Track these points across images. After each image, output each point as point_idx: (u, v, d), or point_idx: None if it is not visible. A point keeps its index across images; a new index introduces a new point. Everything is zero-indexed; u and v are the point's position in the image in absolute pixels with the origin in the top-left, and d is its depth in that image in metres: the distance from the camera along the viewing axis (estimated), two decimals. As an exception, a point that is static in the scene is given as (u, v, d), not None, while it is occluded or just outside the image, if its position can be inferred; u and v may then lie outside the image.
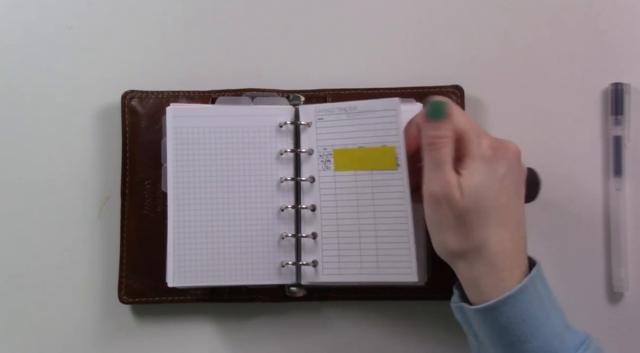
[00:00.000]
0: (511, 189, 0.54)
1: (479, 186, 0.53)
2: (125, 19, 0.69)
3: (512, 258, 0.53)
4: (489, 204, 0.53)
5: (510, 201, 0.54)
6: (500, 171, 0.53)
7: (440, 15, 0.69)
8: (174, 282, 0.63)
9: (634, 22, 0.69)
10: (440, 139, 0.54)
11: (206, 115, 0.64)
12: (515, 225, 0.54)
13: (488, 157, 0.53)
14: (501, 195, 0.53)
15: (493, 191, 0.53)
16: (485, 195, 0.53)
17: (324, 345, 0.66)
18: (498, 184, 0.53)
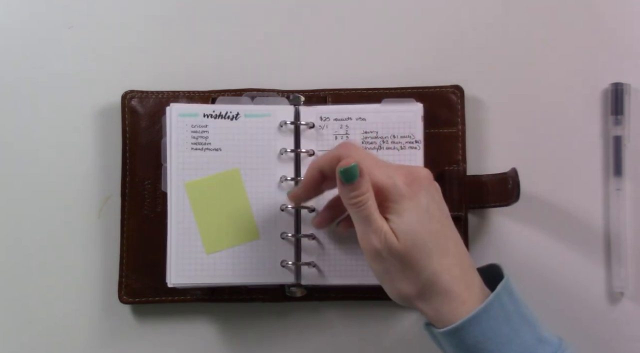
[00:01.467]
0: (438, 214, 0.54)
1: (410, 225, 0.53)
2: (125, 19, 0.69)
3: (466, 279, 0.53)
4: (425, 238, 0.53)
5: (443, 226, 0.54)
6: (422, 203, 0.53)
7: (441, 15, 0.69)
8: (173, 282, 0.63)
9: (633, 22, 0.69)
10: (362, 196, 0.54)
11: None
12: (454, 248, 0.54)
13: (408, 195, 0.53)
14: (432, 225, 0.53)
15: (424, 225, 0.53)
16: (418, 231, 0.53)
17: (324, 345, 0.66)
18: (426, 216, 0.53)
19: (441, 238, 0.53)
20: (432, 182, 0.55)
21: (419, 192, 0.53)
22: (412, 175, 0.54)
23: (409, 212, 0.53)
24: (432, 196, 0.54)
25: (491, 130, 0.68)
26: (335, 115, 0.64)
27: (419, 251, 0.52)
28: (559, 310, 0.66)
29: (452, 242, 0.54)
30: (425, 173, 0.55)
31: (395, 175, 0.54)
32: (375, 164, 0.54)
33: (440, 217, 0.54)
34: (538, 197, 0.67)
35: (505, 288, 0.53)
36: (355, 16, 0.69)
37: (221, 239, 0.63)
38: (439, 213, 0.54)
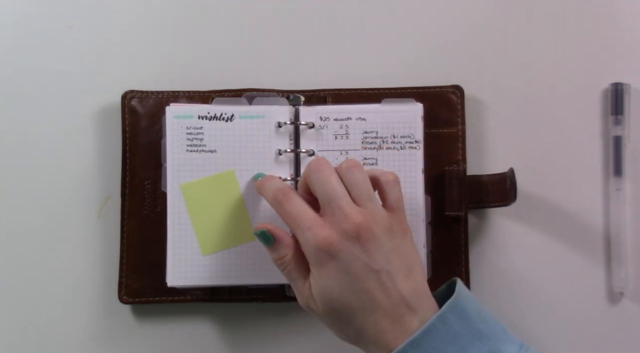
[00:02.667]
0: (363, 272, 0.52)
1: (326, 291, 0.52)
2: (125, 18, 0.69)
3: (401, 324, 0.52)
4: (344, 301, 0.52)
5: (368, 282, 0.52)
6: (341, 266, 0.52)
7: (441, 15, 0.69)
8: (173, 282, 0.63)
9: (634, 22, 0.69)
10: (281, 260, 0.55)
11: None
12: (386, 299, 0.52)
13: (322, 262, 0.52)
14: (355, 285, 0.52)
15: (343, 288, 0.52)
16: (336, 295, 0.52)
17: (323, 345, 0.66)
18: (346, 278, 0.52)
19: (366, 295, 0.52)
20: (364, 234, 0.52)
21: (336, 255, 0.52)
22: (338, 232, 0.52)
23: (324, 279, 0.52)
24: (355, 254, 0.52)
25: (491, 130, 0.68)
26: (335, 115, 0.64)
27: (338, 313, 0.53)
28: (559, 310, 0.66)
29: (382, 294, 0.52)
30: (354, 227, 0.52)
31: (314, 237, 0.52)
32: (299, 222, 0.53)
33: (366, 274, 0.52)
34: (538, 197, 0.67)
35: (452, 308, 0.52)
36: (355, 16, 0.69)
37: (217, 241, 0.63)
38: (364, 270, 0.52)
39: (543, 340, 0.66)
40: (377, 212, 0.54)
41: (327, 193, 0.53)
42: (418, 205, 0.63)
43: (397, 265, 0.53)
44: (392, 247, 0.53)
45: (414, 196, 0.63)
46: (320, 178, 0.54)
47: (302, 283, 0.55)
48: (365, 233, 0.52)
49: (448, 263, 0.65)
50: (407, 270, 0.53)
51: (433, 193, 0.65)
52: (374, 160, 0.64)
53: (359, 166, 0.55)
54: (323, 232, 0.52)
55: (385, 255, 0.52)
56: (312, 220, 0.53)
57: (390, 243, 0.53)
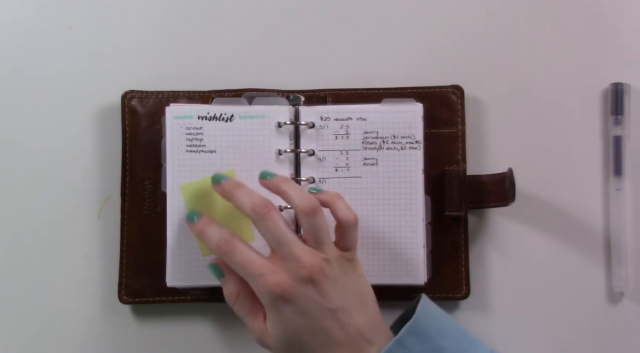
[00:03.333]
0: (318, 311, 0.53)
1: (281, 332, 0.54)
2: (125, 19, 0.69)
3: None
4: (299, 340, 0.54)
5: (325, 320, 0.53)
6: (297, 308, 0.53)
7: (441, 15, 0.69)
8: (173, 282, 0.63)
9: (634, 22, 0.69)
10: (229, 297, 0.58)
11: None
12: (343, 334, 0.54)
13: (275, 306, 0.54)
14: (310, 325, 0.53)
15: (298, 328, 0.54)
16: (290, 336, 0.54)
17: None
18: (300, 319, 0.53)
19: (324, 334, 0.53)
20: (317, 277, 0.53)
21: (291, 300, 0.53)
22: (291, 277, 0.53)
23: (282, 323, 0.54)
24: (310, 297, 0.53)
25: (491, 130, 0.68)
26: (336, 115, 0.64)
27: (296, 352, 0.54)
28: (559, 310, 0.66)
29: (340, 331, 0.53)
30: (307, 271, 0.53)
31: (265, 284, 0.53)
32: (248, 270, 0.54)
33: (322, 314, 0.53)
34: (538, 197, 0.67)
35: (411, 331, 0.54)
36: (355, 16, 0.69)
37: None
38: (319, 310, 0.53)
39: (543, 340, 0.66)
40: (329, 252, 0.55)
41: (277, 239, 0.55)
42: (418, 205, 0.63)
43: (351, 301, 0.55)
44: (345, 285, 0.55)
45: (414, 196, 0.63)
46: (269, 226, 0.55)
47: (252, 319, 0.57)
48: (317, 275, 0.53)
49: (448, 264, 0.65)
50: (361, 304, 0.55)
51: (433, 194, 0.65)
52: (374, 160, 0.64)
53: (318, 210, 0.55)
54: (275, 278, 0.53)
55: (339, 294, 0.54)
56: (261, 266, 0.54)
57: (342, 281, 0.55)
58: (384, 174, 0.63)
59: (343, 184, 0.63)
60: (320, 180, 0.64)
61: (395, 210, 0.63)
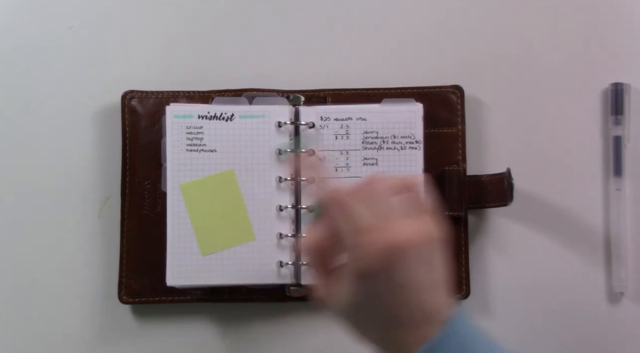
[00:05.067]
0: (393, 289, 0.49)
1: (344, 300, 0.50)
2: (125, 19, 0.69)
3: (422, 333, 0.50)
4: (366, 314, 0.50)
5: (393, 298, 0.49)
6: (360, 289, 0.49)
7: (441, 15, 0.69)
8: (173, 282, 0.63)
9: (634, 22, 0.69)
10: (311, 243, 0.52)
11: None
12: (409, 315, 0.50)
13: (349, 275, 0.49)
14: (374, 306, 0.50)
15: (365, 303, 0.50)
16: (357, 308, 0.50)
17: (323, 345, 0.66)
18: (368, 295, 0.49)
19: (392, 312, 0.50)
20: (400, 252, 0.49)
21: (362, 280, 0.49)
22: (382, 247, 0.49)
23: (345, 292, 0.50)
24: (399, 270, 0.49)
25: (491, 130, 0.68)
26: (336, 115, 0.64)
27: (359, 321, 0.51)
28: (559, 310, 0.66)
29: (407, 310, 0.49)
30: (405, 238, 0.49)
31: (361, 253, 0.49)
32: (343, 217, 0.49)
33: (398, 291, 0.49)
34: (538, 197, 0.67)
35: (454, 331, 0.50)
36: (355, 16, 0.69)
37: (216, 240, 0.63)
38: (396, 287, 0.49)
39: (543, 339, 0.66)
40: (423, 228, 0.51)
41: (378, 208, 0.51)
42: None
43: (429, 279, 0.50)
44: (427, 261, 0.50)
45: (414, 196, 0.63)
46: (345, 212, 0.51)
47: (321, 280, 0.52)
48: (401, 251, 0.49)
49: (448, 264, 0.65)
50: (434, 283, 0.51)
51: (433, 194, 0.65)
52: (374, 160, 0.64)
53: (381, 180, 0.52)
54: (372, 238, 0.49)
55: (426, 269, 0.50)
56: (365, 225, 0.49)
57: (427, 257, 0.50)
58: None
59: (343, 184, 0.63)
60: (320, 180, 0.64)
61: (395, 210, 0.63)
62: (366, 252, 0.49)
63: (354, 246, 0.49)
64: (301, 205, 0.64)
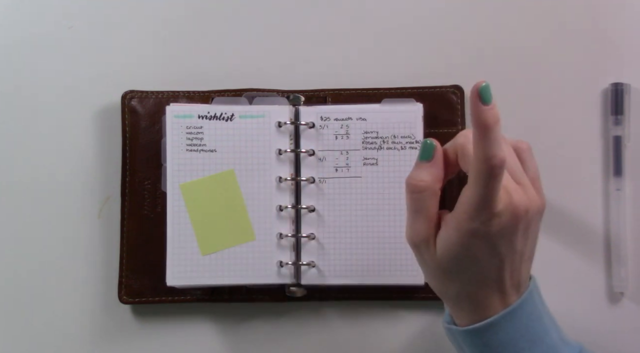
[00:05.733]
0: (504, 250, 0.49)
1: (447, 250, 0.49)
2: (125, 19, 0.69)
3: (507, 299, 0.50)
4: (465, 268, 0.49)
5: (499, 261, 0.49)
6: (473, 242, 0.48)
7: (440, 15, 0.69)
8: (173, 282, 0.63)
9: (634, 22, 0.69)
10: (418, 183, 0.50)
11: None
12: (507, 279, 0.49)
13: (461, 228, 0.48)
14: (478, 262, 0.49)
15: (469, 258, 0.49)
16: (458, 261, 0.49)
17: (324, 345, 0.66)
18: (478, 251, 0.48)
19: (495, 273, 0.49)
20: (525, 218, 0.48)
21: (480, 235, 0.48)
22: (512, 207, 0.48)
23: (453, 240, 0.48)
24: (512, 233, 0.48)
25: (491, 130, 0.68)
26: (336, 115, 0.64)
27: (452, 275, 0.50)
28: (559, 310, 0.66)
29: (508, 274, 0.49)
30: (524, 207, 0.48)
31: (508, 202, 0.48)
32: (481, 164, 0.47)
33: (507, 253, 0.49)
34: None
35: (536, 287, 0.52)
36: (355, 16, 0.69)
37: (216, 240, 0.63)
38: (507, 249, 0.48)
39: (543, 340, 0.66)
40: (533, 195, 0.50)
41: (534, 172, 0.52)
42: None
43: (529, 249, 0.51)
44: (534, 231, 0.51)
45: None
46: (532, 160, 0.52)
47: (424, 221, 0.50)
48: (526, 216, 0.48)
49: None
50: (532, 253, 0.52)
51: (433, 193, 0.65)
52: (374, 160, 0.64)
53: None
54: (515, 196, 0.48)
55: (530, 239, 0.50)
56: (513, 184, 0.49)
57: (534, 227, 0.50)
58: (384, 174, 0.64)
59: (343, 184, 0.63)
60: (320, 180, 0.64)
61: (396, 210, 0.63)
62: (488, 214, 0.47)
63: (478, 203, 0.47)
64: (301, 205, 0.64)
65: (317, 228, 0.63)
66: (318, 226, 0.63)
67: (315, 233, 0.63)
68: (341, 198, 0.63)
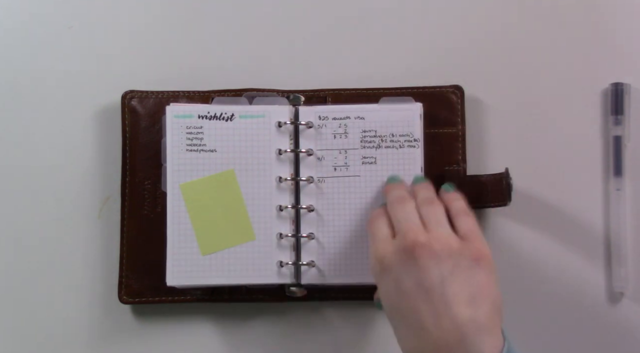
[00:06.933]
0: (411, 288, 0.50)
1: (383, 301, 0.54)
2: (125, 18, 0.69)
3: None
4: (392, 317, 0.53)
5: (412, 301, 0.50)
6: (387, 280, 0.53)
7: (440, 15, 0.69)
8: (173, 282, 0.63)
9: (633, 22, 0.69)
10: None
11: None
12: (435, 324, 0.49)
13: (374, 272, 0.55)
14: (397, 307, 0.52)
15: (389, 304, 0.53)
16: (387, 309, 0.54)
17: (324, 345, 0.66)
18: (391, 296, 0.53)
19: (415, 315, 0.50)
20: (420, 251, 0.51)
21: (389, 269, 0.53)
22: (396, 247, 0.53)
23: (381, 290, 0.54)
24: (407, 270, 0.51)
25: (491, 130, 0.68)
26: (334, 114, 0.64)
27: (392, 323, 0.53)
28: (559, 310, 0.66)
29: (432, 318, 0.49)
30: (411, 242, 0.52)
31: (375, 250, 0.54)
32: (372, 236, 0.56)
33: (416, 290, 0.50)
34: (538, 197, 0.67)
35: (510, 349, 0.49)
36: (355, 16, 0.69)
37: (216, 240, 0.63)
38: (415, 286, 0.50)
39: (543, 340, 0.66)
40: (443, 235, 0.53)
41: (399, 217, 0.55)
42: None
43: (457, 289, 0.50)
44: (454, 270, 0.50)
45: (413, 195, 0.63)
46: (394, 206, 0.57)
47: None
48: (421, 249, 0.51)
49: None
50: (469, 297, 0.50)
51: (433, 193, 0.65)
52: (373, 159, 0.64)
53: (432, 200, 0.57)
54: (383, 247, 0.54)
55: (441, 275, 0.50)
56: (382, 236, 0.55)
57: (451, 265, 0.51)
58: (382, 173, 0.63)
59: (342, 183, 0.63)
60: (319, 180, 0.64)
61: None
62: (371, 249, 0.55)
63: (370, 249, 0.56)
64: (301, 205, 0.64)
65: (317, 228, 0.63)
66: (318, 226, 0.63)
67: (314, 233, 0.63)
68: (340, 197, 0.63)
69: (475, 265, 0.52)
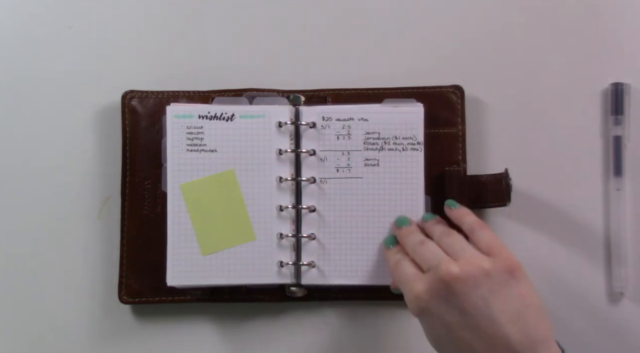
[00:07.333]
0: (454, 320, 0.52)
1: (428, 336, 0.55)
2: (125, 19, 0.69)
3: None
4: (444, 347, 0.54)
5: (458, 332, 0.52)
6: (437, 316, 0.53)
7: (441, 15, 0.69)
8: (173, 282, 0.63)
9: (633, 22, 0.69)
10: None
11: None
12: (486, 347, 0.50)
13: (415, 313, 0.55)
14: (445, 342, 0.53)
15: (436, 340, 0.54)
16: (435, 346, 0.54)
17: (324, 345, 0.66)
18: (436, 332, 0.54)
19: (463, 343, 0.51)
20: (454, 282, 0.52)
21: (428, 309, 0.53)
22: (430, 284, 0.53)
23: (425, 328, 0.55)
24: (448, 303, 0.52)
25: (491, 130, 0.68)
26: (338, 115, 0.64)
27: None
28: (559, 310, 0.66)
29: (482, 342, 0.50)
30: (445, 275, 0.52)
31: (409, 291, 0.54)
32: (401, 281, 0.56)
33: (461, 321, 0.51)
34: (538, 197, 0.67)
35: None
36: (356, 16, 0.69)
37: (217, 240, 0.63)
38: (458, 317, 0.51)
39: (543, 340, 0.66)
40: (471, 258, 0.53)
41: (425, 257, 0.55)
42: (419, 206, 0.63)
43: (501, 307, 0.50)
44: (492, 288, 0.51)
45: (415, 197, 0.63)
46: (416, 250, 0.57)
47: None
48: (456, 279, 0.51)
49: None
50: (515, 312, 0.51)
51: (433, 194, 0.65)
52: (375, 161, 0.64)
53: (449, 231, 0.58)
54: (416, 285, 0.54)
55: (482, 297, 0.51)
56: (411, 275, 0.55)
57: (489, 284, 0.51)
58: (385, 175, 0.64)
59: (344, 185, 0.63)
60: (321, 181, 0.64)
61: (396, 211, 0.63)
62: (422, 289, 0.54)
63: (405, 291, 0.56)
64: (301, 205, 0.64)
65: (318, 229, 0.63)
66: (318, 226, 0.63)
67: (315, 233, 0.63)
68: (342, 198, 0.63)
69: (510, 277, 0.52)
